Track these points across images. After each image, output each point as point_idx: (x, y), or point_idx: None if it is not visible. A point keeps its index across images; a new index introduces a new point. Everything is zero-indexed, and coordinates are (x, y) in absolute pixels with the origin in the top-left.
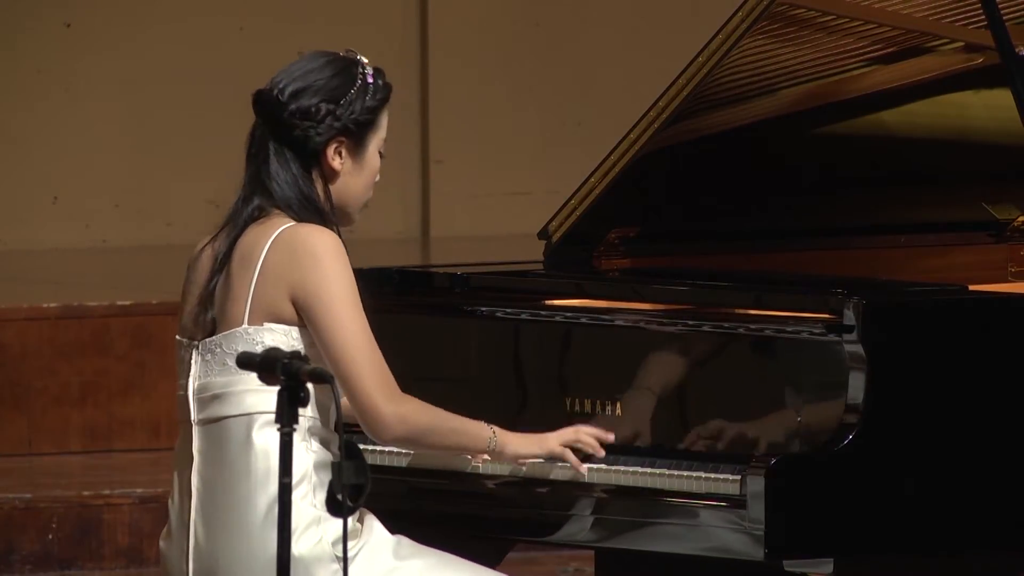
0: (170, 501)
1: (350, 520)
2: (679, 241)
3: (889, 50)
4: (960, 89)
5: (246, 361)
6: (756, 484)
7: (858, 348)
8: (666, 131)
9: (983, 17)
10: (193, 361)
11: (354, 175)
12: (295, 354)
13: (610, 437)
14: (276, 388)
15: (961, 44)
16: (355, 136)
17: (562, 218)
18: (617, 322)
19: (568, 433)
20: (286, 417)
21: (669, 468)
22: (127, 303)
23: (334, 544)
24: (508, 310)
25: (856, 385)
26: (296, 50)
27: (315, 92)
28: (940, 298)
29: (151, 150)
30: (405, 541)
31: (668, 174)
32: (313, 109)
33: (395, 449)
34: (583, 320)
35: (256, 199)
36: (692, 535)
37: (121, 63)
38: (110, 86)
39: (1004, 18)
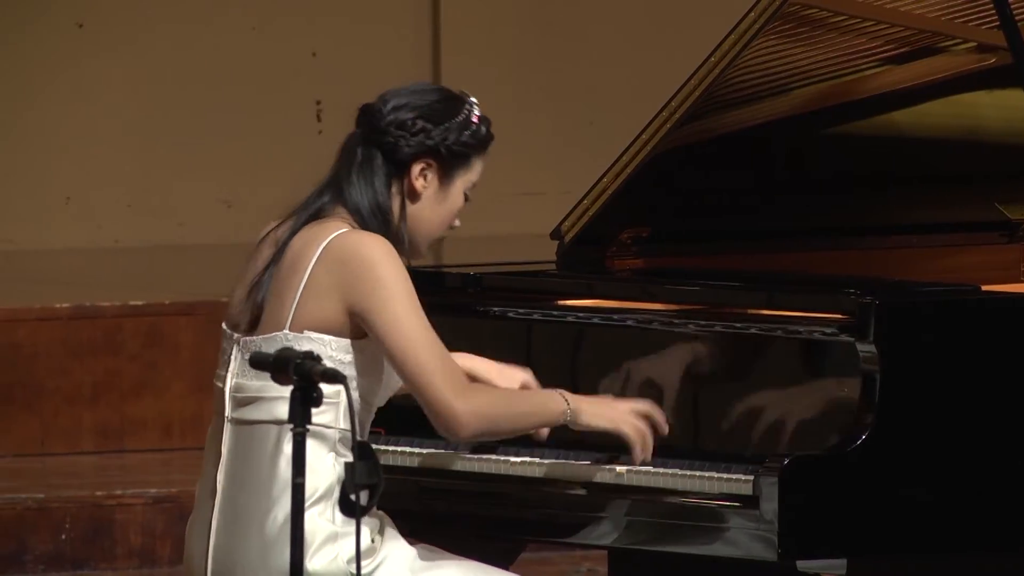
0: (198, 485)
1: (366, 538)
2: (691, 241)
3: (901, 50)
4: (972, 89)
5: (259, 361)
6: (769, 484)
7: (871, 348)
8: (679, 131)
9: (995, 17)
10: (233, 357)
11: (433, 204)
12: (308, 354)
13: (665, 429)
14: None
15: (973, 44)
16: (444, 164)
17: (574, 218)
18: (629, 322)
19: (639, 422)
20: (299, 417)
21: (681, 468)
22: (139, 303)
23: (349, 562)
24: (520, 310)
25: (869, 386)
26: (309, 50)
27: (415, 108)
28: (953, 298)
29: (163, 150)
30: (424, 552)
31: (680, 174)
32: (410, 122)
33: (407, 449)
34: (595, 320)
35: (327, 195)
36: (704, 535)
37: (133, 63)
38: (122, 86)
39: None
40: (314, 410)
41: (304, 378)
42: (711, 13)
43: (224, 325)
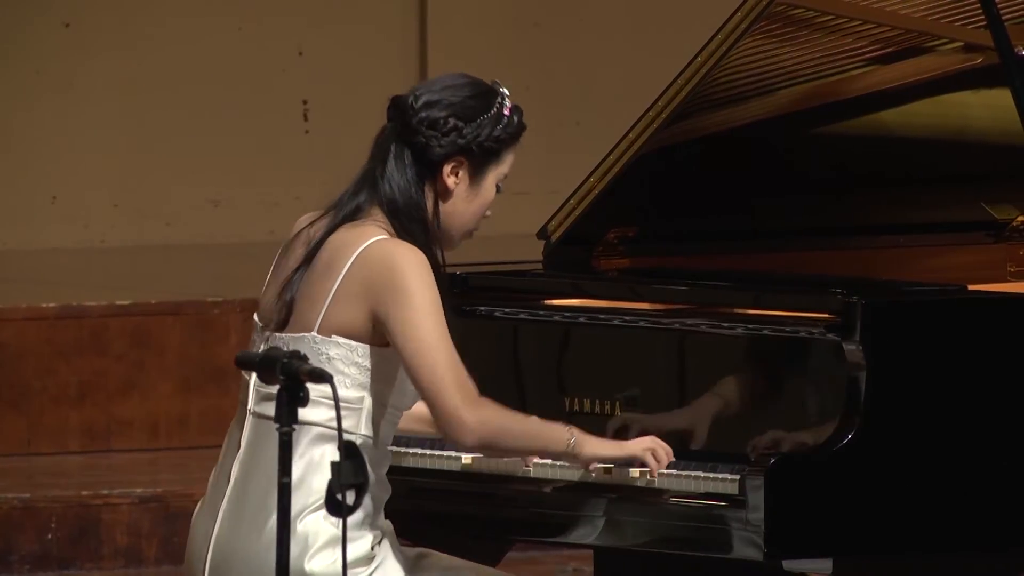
0: (213, 470)
1: (367, 545)
2: (678, 241)
3: (888, 50)
4: (959, 89)
5: (246, 361)
6: (755, 484)
7: (857, 348)
8: (665, 131)
9: (982, 17)
10: (260, 351)
11: (465, 200)
12: (294, 353)
13: (671, 458)
14: (330, 402)
15: (960, 44)
16: (475, 160)
17: (561, 218)
18: (615, 322)
19: (645, 440)
20: (285, 417)
21: (668, 468)
22: (125, 303)
23: (349, 566)
24: (507, 310)
25: (855, 385)
26: (296, 50)
27: (447, 106)
28: (939, 298)
29: (150, 150)
30: (421, 560)
31: (667, 174)
32: (441, 121)
33: (395, 448)
34: (582, 320)
35: (362, 195)
36: (691, 535)
37: (120, 63)
38: (109, 86)
39: (1003, 18)
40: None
41: (291, 377)
42: (699, 13)
43: (256, 317)
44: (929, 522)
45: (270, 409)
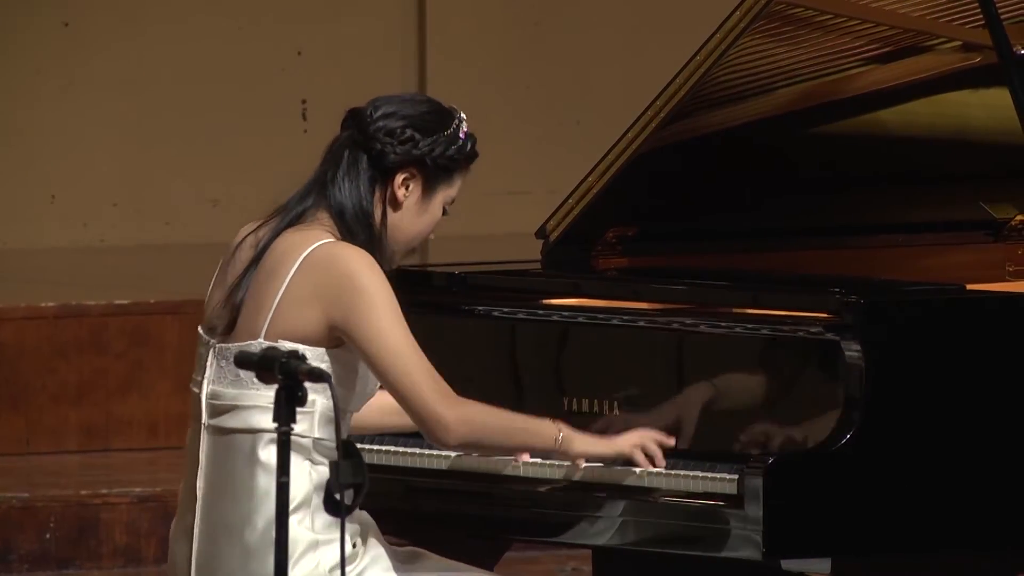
0: (181, 488)
1: (347, 544)
2: (677, 240)
3: (887, 49)
4: (958, 88)
5: (244, 360)
6: (754, 484)
7: (856, 347)
8: (664, 130)
9: (981, 16)
10: (208, 363)
11: (413, 215)
12: (293, 353)
13: (671, 442)
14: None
15: (959, 43)
16: (428, 175)
17: (560, 217)
18: (614, 321)
19: (634, 437)
20: (284, 416)
21: (666, 467)
22: (125, 302)
23: (331, 571)
24: (505, 309)
25: (853, 384)
26: (295, 50)
27: (405, 117)
28: (938, 297)
29: (149, 149)
30: (407, 556)
31: (666, 173)
32: (399, 130)
33: (392, 448)
34: (581, 319)
35: (310, 199)
36: (689, 535)
37: (119, 62)
38: (108, 85)
39: (1002, 18)
40: None
41: (289, 377)
42: (699, 13)
43: (200, 329)
44: (928, 521)
45: (226, 422)
